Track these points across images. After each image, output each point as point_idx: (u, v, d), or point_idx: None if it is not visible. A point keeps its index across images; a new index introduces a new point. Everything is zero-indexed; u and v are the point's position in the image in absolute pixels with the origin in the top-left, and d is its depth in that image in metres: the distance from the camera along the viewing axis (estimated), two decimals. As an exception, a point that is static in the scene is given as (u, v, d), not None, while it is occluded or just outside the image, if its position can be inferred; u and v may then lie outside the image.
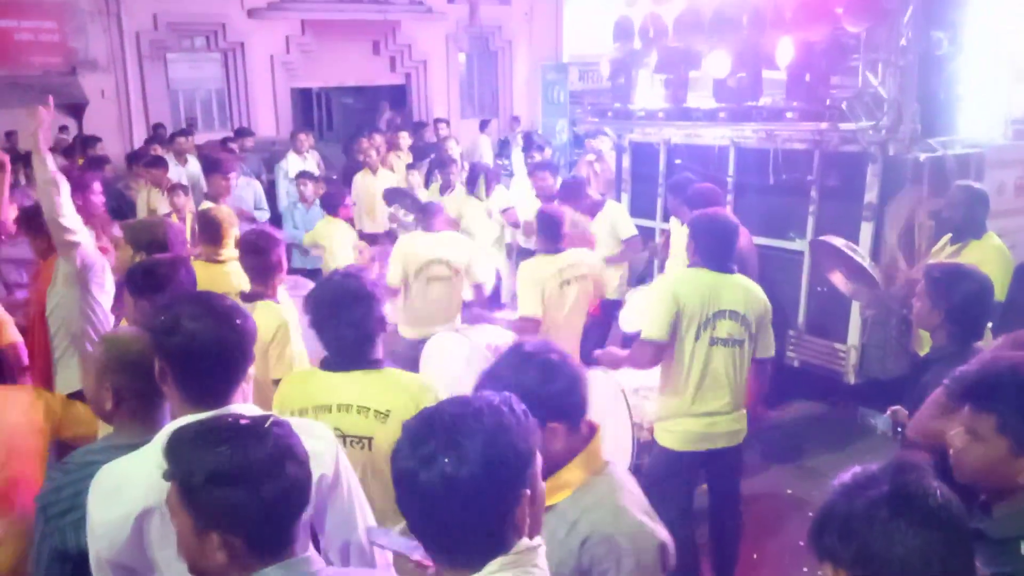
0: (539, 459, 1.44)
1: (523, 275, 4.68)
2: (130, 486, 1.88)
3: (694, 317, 3.67)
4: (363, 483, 2.27)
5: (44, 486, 2.23)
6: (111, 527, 1.87)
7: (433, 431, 1.35)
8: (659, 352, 3.74)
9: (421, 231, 5.51)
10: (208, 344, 1.96)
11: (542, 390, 1.82)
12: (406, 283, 5.26)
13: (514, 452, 1.35)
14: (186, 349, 1.96)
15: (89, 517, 1.90)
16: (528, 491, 1.38)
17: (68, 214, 3.94)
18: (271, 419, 1.61)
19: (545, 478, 1.59)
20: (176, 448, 1.57)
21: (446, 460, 1.31)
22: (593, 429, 1.95)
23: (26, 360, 4.19)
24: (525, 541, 1.38)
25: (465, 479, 1.31)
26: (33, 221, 4.31)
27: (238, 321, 2.03)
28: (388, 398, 2.56)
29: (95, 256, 4.17)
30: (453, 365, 4.71)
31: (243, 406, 2.04)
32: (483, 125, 13.75)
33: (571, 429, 1.89)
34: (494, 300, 6.60)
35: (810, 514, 4.77)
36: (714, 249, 3.77)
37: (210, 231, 4.37)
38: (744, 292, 3.74)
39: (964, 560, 1.40)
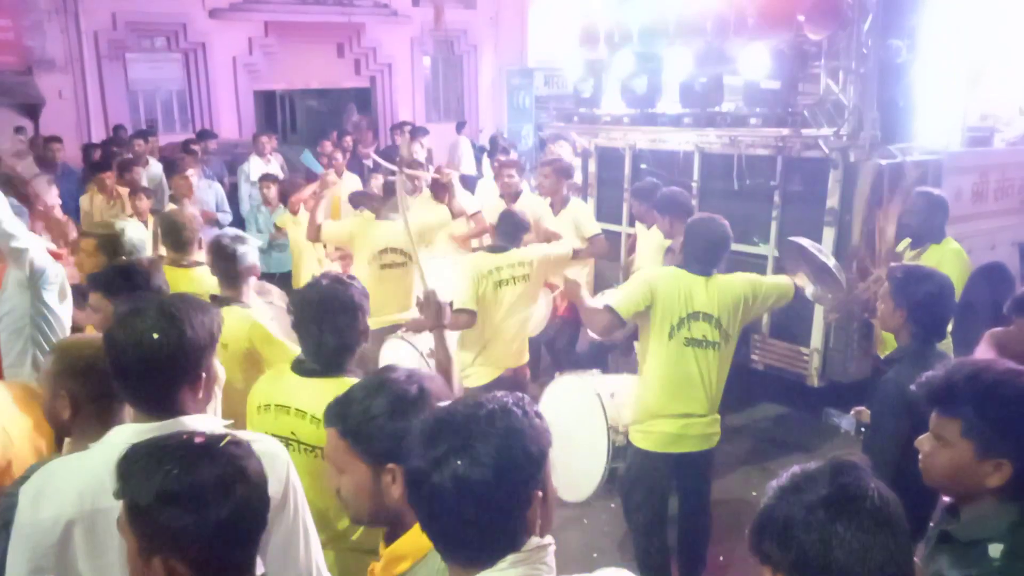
0: (550, 460, 1.43)
1: (461, 268, 4.62)
2: (65, 489, 1.82)
3: (667, 315, 3.71)
4: (309, 489, 2.24)
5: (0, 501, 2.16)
6: (38, 528, 1.80)
7: (445, 433, 1.36)
8: (615, 324, 3.79)
9: (376, 219, 5.45)
10: (133, 350, 1.89)
11: (389, 424, 1.66)
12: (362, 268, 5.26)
13: (526, 456, 1.36)
14: (115, 356, 1.91)
15: (18, 516, 1.82)
16: (540, 492, 1.39)
17: (6, 220, 3.87)
18: (227, 438, 1.53)
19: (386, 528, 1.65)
20: (126, 466, 1.49)
21: (458, 463, 1.32)
22: None
23: None
24: (535, 540, 1.39)
25: (477, 481, 1.32)
26: None
27: (176, 328, 1.91)
28: None
29: (46, 261, 4.08)
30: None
31: (202, 418, 1.97)
32: (460, 127, 13.65)
33: None
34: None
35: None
36: (701, 253, 3.82)
37: (173, 235, 4.29)
38: (718, 293, 3.78)
39: (904, 560, 1.39)
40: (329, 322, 2.53)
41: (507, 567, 1.35)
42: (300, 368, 2.61)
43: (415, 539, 1.59)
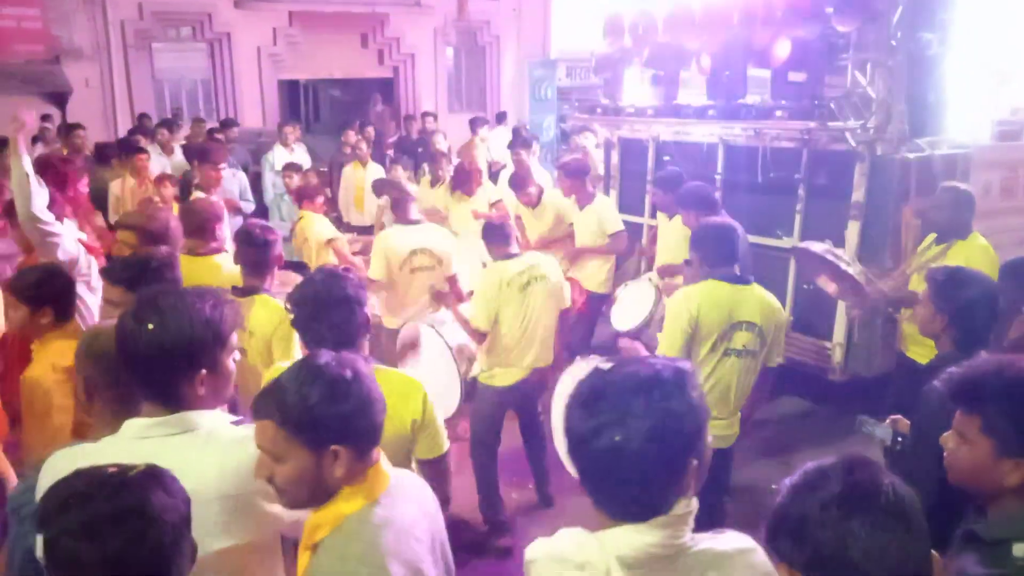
0: (707, 431, 1.48)
1: (479, 286, 4.54)
2: None
3: (712, 331, 3.63)
4: None
5: (17, 486, 2.18)
6: None
7: (602, 404, 1.42)
8: None
9: (400, 224, 5.44)
10: (133, 340, 1.90)
11: (330, 409, 1.70)
12: (391, 276, 5.24)
13: (680, 433, 1.43)
14: (120, 344, 1.93)
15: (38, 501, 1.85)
16: (695, 460, 1.46)
17: (41, 209, 3.91)
18: (134, 469, 1.48)
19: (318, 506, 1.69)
20: (45, 496, 1.48)
21: (616, 437, 1.39)
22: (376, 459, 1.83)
23: None
24: (684, 503, 1.47)
25: (633, 451, 1.39)
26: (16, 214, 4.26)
27: (175, 322, 1.90)
28: None
29: (77, 251, 4.12)
30: (426, 360, 4.69)
31: (208, 413, 1.98)
32: (501, 117, 13.38)
33: (357, 456, 1.75)
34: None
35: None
36: (726, 253, 3.74)
37: (194, 224, 4.26)
38: (760, 303, 3.72)
39: (921, 556, 1.38)
40: (326, 318, 2.53)
41: (655, 528, 1.44)
42: None
43: (332, 508, 1.72)
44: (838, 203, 5.48)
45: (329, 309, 2.54)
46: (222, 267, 4.14)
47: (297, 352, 3.60)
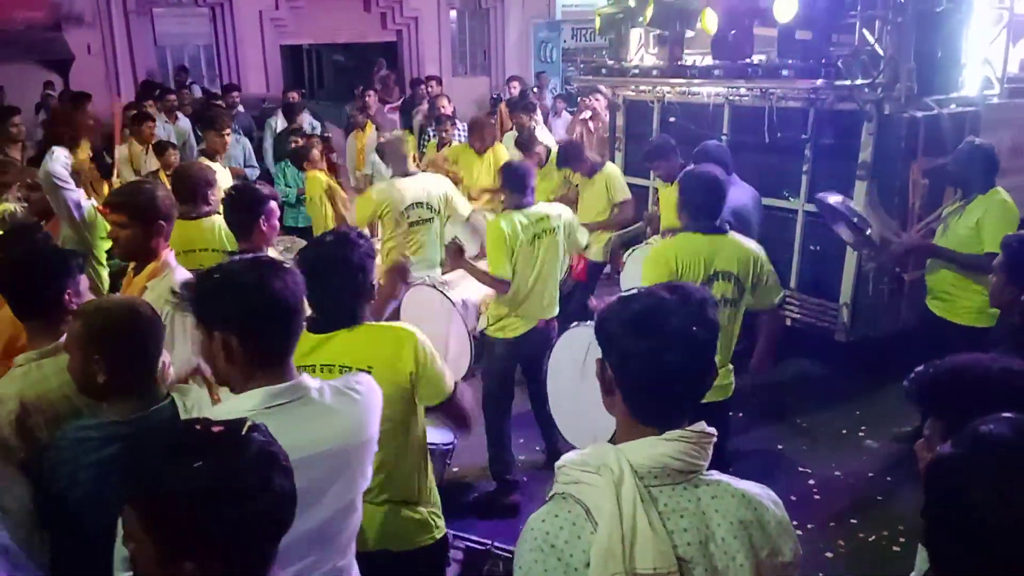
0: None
1: (492, 235, 4.45)
2: None
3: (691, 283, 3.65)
4: None
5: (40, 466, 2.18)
6: None
7: (654, 324, 1.56)
8: None
9: (399, 177, 5.43)
10: (275, 298, 1.93)
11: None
12: (391, 229, 5.27)
13: (713, 344, 1.62)
14: (262, 308, 1.92)
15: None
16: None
17: (60, 174, 4.04)
18: (247, 423, 1.39)
19: None
20: (139, 464, 1.35)
21: (671, 356, 1.54)
22: None
23: None
24: (702, 424, 1.58)
25: (681, 364, 1.55)
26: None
27: (290, 276, 1.97)
28: (368, 354, 2.54)
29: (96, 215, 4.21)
30: (432, 321, 4.70)
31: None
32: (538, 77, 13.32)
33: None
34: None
35: (800, 469, 4.80)
36: (702, 208, 3.72)
37: (186, 189, 4.23)
38: (735, 251, 3.72)
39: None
40: (329, 281, 2.53)
41: (671, 440, 1.54)
42: (314, 326, 2.56)
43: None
44: (845, 163, 5.44)
45: (330, 273, 2.54)
46: (215, 229, 4.12)
47: None
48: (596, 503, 1.50)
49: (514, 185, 4.50)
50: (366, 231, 5.71)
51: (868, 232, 4.77)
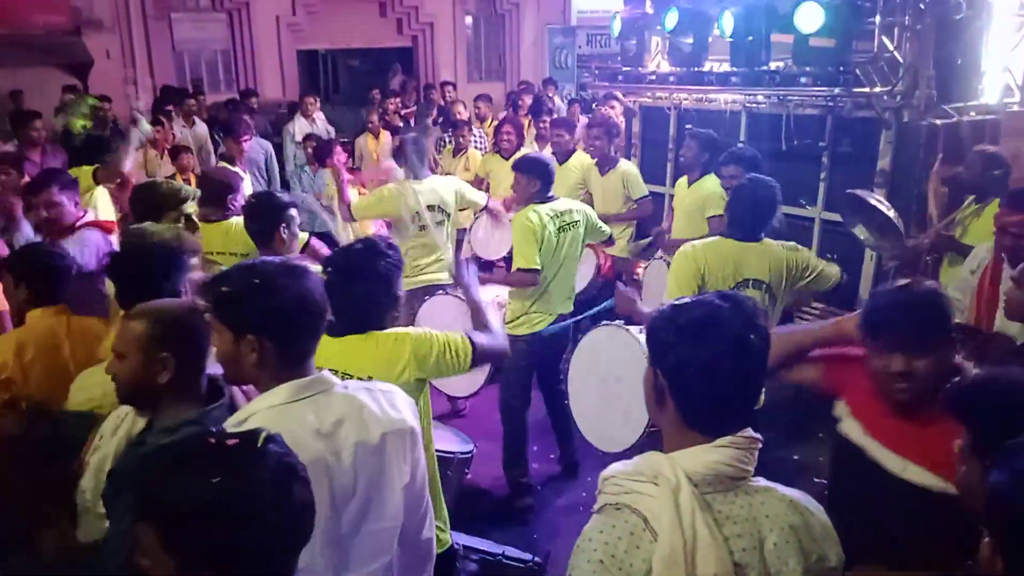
0: None
1: (520, 227, 4.46)
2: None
3: (718, 287, 3.63)
4: None
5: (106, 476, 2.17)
6: None
7: (713, 333, 1.57)
8: None
9: (415, 180, 5.42)
10: (308, 301, 2.00)
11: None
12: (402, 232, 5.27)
13: (766, 352, 1.63)
14: (300, 311, 1.99)
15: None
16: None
17: None
18: (263, 435, 1.35)
19: None
20: (152, 479, 1.31)
21: (728, 365, 1.56)
22: None
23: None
24: (749, 431, 1.61)
25: (737, 373, 1.57)
26: None
27: (316, 279, 2.07)
28: (368, 364, 2.57)
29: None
30: (451, 328, 4.69)
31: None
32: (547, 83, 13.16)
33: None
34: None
35: (815, 480, 4.71)
36: (746, 217, 3.72)
37: (211, 193, 4.34)
38: (767, 258, 3.71)
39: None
40: (353, 288, 2.55)
41: (722, 447, 1.56)
42: (330, 329, 2.59)
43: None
44: (863, 171, 5.40)
45: (354, 281, 2.55)
46: (234, 230, 4.17)
47: None
48: (653, 512, 1.51)
49: (540, 175, 4.48)
50: (371, 228, 5.75)
51: (895, 223, 4.72)
